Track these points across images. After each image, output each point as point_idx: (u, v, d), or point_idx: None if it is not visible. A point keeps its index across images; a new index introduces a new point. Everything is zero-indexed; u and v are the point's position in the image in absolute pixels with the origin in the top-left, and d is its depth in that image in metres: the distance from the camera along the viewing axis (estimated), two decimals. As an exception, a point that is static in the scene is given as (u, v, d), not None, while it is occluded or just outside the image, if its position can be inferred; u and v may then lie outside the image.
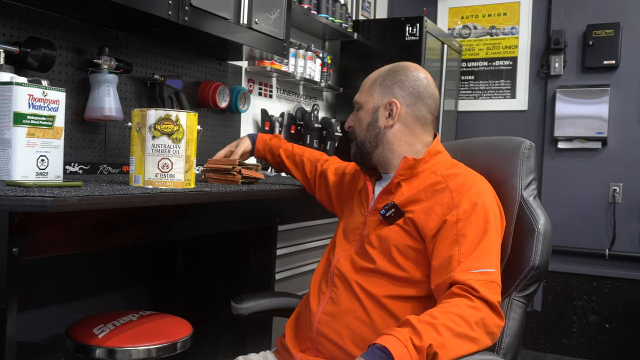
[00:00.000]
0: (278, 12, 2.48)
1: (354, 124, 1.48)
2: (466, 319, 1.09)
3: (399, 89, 1.42)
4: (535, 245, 1.34)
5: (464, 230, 1.23)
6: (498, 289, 1.18)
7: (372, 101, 1.43)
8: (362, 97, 1.46)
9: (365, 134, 1.43)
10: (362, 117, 1.44)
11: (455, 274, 1.17)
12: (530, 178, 1.43)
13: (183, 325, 1.74)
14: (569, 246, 3.81)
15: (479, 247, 1.21)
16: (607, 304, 3.72)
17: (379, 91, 1.43)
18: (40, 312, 1.88)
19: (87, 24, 2.03)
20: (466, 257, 1.19)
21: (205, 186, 1.64)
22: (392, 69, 1.45)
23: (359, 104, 1.46)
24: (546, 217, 1.38)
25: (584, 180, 3.80)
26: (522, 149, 1.44)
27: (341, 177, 1.66)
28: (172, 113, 1.47)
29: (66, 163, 1.92)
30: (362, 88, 1.47)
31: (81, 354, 1.58)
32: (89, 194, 1.18)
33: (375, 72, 1.48)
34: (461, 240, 1.22)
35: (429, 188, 1.32)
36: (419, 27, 3.38)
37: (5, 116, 1.38)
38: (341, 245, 1.44)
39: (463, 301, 1.12)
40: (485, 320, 1.11)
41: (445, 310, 1.11)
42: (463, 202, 1.26)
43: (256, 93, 3.06)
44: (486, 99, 4.12)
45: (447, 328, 1.06)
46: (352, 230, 1.44)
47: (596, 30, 3.73)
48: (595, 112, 3.72)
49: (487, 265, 1.18)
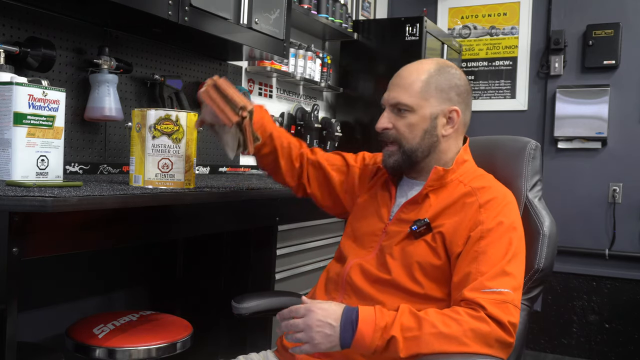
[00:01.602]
0: (278, 12, 2.48)
1: (399, 127, 1.32)
2: (461, 324, 1.09)
3: (456, 95, 1.34)
4: (541, 248, 1.33)
5: (485, 248, 1.19)
6: (512, 309, 1.13)
7: (429, 107, 1.31)
8: (413, 100, 1.30)
9: (419, 142, 1.31)
10: (416, 123, 1.31)
11: (466, 292, 1.15)
12: (536, 179, 1.42)
13: (183, 325, 1.74)
14: (569, 246, 3.80)
15: (497, 266, 1.17)
16: (607, 304, 3.72)
17: (436, 96, 1.31)
18: (40, 312, 1.88)
19: (87, 24, 2.03)
20: (481, 275, 1.16)
21: (205, 186, 1.64)
22: (440, 68, 1.34)
23: (407, 107, 1.31)
24: (551, 219, 1.37)
25: (584, 180, 3.80)
26: (527, 149, 1.43)
27: (346, 171, 1.54)
28: (172, 113, 1.47)
29: (66, 163, 1.92)
30: (406, 87, 1.31)
31: (81, 354, 1.58)
32: (89, 194, 1.18)
33: (418, 68, 1.33)
34: (480, 258, 1.18)
35: (458, 201, 1.28)
36: (419, 27, 3.38)
37: (5, 116, 1.38)
38: (354, 252, 1.37)
39: (466, 310, 1.12)
40: (483, 331, 1.09)
41: (441, 312, 1.13)
42: (489, 219, 1.22)
43: (256, 93, 3.05)
44: (486, 99, 4.12)
45: (431, 325, 1.09)
46: (367, 235, 1.37)
47: (596, 30, 3.73)
48: (595, 112, 3.72)
49: (502, 286, 1.14)
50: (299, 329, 1.14)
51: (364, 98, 3.50)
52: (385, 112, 1.35)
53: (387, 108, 1.34)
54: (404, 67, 1.36)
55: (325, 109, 3.72)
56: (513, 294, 1.15)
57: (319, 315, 1.11)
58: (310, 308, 1.11)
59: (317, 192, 1.58)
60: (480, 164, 1.42)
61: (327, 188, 1.56)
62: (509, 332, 1.11)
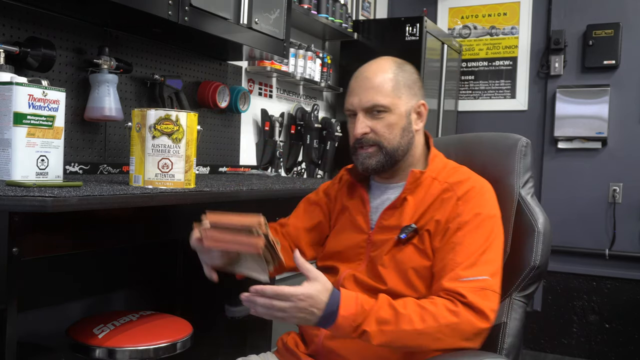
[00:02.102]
0: (278, 12, 2.48)
1: (378, 129, 1.30)
2: (437, 319, 1.12)
3: (418, 89, 1.36)
4: (536, 245, 1.33)
5: (462, 239, 1.22)
6: (491, 295, 1.17)
7: (403, 104, 1.31)
8: (389, 100, 1.29)
9: (399, 140, 1.31)
10: (394, 122, 1.30)
11: (445, 282, 1.18)
12: (528, 176, 1.43)
13: (183, 325, 1.74)
14: (569, 246, 3.80)
15: (475, 255, 1.20)
16: (607, 304, 3.72)
17: (406, 92, 1.32)
18: (40, 312, 1.88)
19: (87, 24, 2.03)
20: (458, 264, 1.19)
21: (205, 186, 1.64)
22: (399, 65, 1.34)
23: (384, 107, 1.29)
24: (545, 216, 1.37)
25: (584, 180, 3.80)
26: (519, 146, 1.43)
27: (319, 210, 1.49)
28: (172, 113, 1.47)
29: (66, 163, 1.92)
30: (377, 88, 1.30)
31: (81, 354, 1.58)
32: (89, 194, 1.18)
33: (380, 68, 1.33)
34: (457, 249, 1.21)
35: (437, 199, 1.29)
36: (419, 27, 3.38)
37: (5, 116, 1.38)
38: (343, 265, 1.36)
39: (444, 303, 1.14)
40: (461, 326, 1.12)
41: (420, 305, 1.14)
42: (466, 211, 1.25)
43: (256, 93, 3.06)
44: (486, 99, 4.12)
45: (408, 321, 1.11)
46: (351, 249, 1.36)
47: (596, 30, 3.73)
48: (595, 112, 3.72)
49: (480, 273, 1.18)
50: (280, 311, 1.11)
51: (364, 98, 3.50)
52: (360, 116, 1.31)
53: (360, 113, 1.31)
54: (363, 70, 1.34)
55: (325, 109, 3.72)
56: (492, 280, 1.19)
57: (305, 304, 1.10)
58: (298, 296, 1.09)
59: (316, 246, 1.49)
60: (470, 162, 1.43)
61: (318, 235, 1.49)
62: (486, 319, 1.14)
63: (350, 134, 1.35)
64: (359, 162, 1.35)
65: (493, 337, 1.29)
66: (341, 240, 1.39)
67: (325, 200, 1.49)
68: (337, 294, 1.13)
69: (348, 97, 1.34)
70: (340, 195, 1.46)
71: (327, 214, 1.48)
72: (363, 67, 1.35)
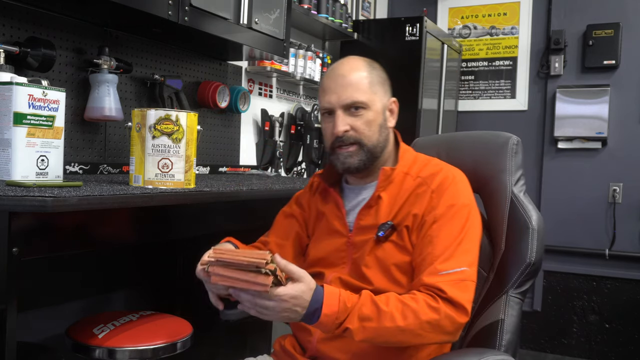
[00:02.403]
0: (278, 12, 2.48)
1: (357, 126, 1.30)
2: (418, 316, 1.14)
3: (389, 87, 1.37)
4: (531, 242, 1.35)
5: (438, 232, 1.23)
6: (469, 285, 1.20)
7: (378, 100, 1.32)
8: (367, 96, 1.30)
9: (378, 137, 1.32)
10: (373, 119, 1.31)
11: (424, 277, 1.19)
12: (519, 174, 1.44)
13: (183, 325, 1.74)
14: (569, 246, 3.80)
15: (452, 247, 1.22)
16: (607, 304, 3.72)
17: (379, 89, 1.33)
18: (40, 312, 1.88)
19: (87, 24, 2.03)
20: (437, 258, 1.20)
21: (205, 186, 1.64)
22: (371, 65, 1.35)
23: (363, 104, 1.29)
24: (538, 213, 1.38)
25: (584, 180, 3.80)
26: (509, 144, 1.44)
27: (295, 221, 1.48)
28: (172, 113, 1.47)
29: (66, 163, 1.92)
30: (355, 85, 1.29)
31: (81, 354, 1.58)
32: (89, 194, 1.18)
33: (353, 67, 1.32)
34: (435, 241, 1.23)
35: (412, 194, 1.30)
36: (419, 27, 3.38)
37: (5, 116, 1.38)
38: (327, 270, 1.36)
39: (425, 298, 1.16)
40: (441, 322, 1.15)
41: (402, 301, 1.15)
42: (441, 203, 1.26)
43: (256, 93, 3.06)
44: (486, 99, 4.12)
45: (390, 318, 1.13)
46: (333, 253, 1.36)
47: (596, 30, 3.73)
48: (595, 112, 3.72)
49: (458, 265, 1.20)
50: (264, 309, 1.11)
51: (364, 98, 3.50)
52: (338, 114, 1.29)
53: (338, 110, 1.29)
54: (337, 68, 1.33)
55: (325, 109, 3.72)
56: (470, 270, 1.21)
57: (288, 304, 1.10)
58: (282, 297, 1.08)
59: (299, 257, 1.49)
60: (461, 160, 1.44)
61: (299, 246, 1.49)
62: (465, 314, 1.17)
63: (327, 133, 1.34)
64: (339, 162, 1.33)
65: (491, 333, 1.32)
66: (322, 247, 1.39)
67: (299, 211, 1.48)
68: (321, 292, 1.13)
69: (324, 96, 1.32)
70: (314, 202, 1.46)
71: (303, 225, 1.47)
72: (335, 66, 1.35)
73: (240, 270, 1.08)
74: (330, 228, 1.38)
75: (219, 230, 1.96)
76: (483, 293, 1.42)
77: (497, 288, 1.38)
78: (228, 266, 1.09)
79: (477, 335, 1.37)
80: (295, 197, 1.53)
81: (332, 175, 1.41)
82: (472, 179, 1.48)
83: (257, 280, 1.07)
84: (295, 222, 1.48)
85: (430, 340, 1.19)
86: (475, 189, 1.50)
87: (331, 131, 1.32)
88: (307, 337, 1.33)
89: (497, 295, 1.37)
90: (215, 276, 1.10)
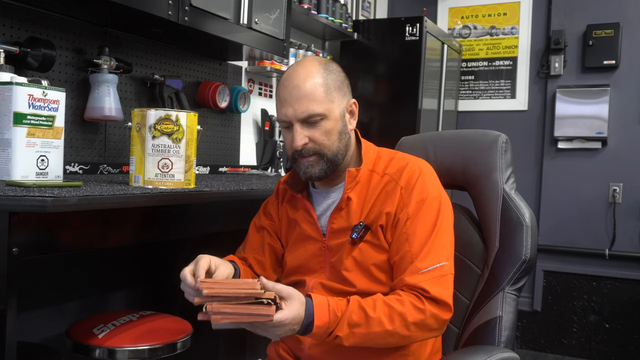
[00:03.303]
0: (278, 12, 2.48)
1: (316, 138, 1.27)
2: (405, 318, 1.17)
3: (347, 87, 1.34)
4: (525, 239, 1.36)
5: (413, 228, 1.25)
6: (450, 279, 1.23)
7: (337, 107, 1.29)
8: (324, 106, 1.26)
9: (338, 145, 1.29)
10: (331, 128, 1.28)
11: (406, 277, 1.21)
12: (509, 172, 1.45)
13: (183, 325, 1.74)
14: (569, 246, 3.80)
15: (428, 242, 1.23)
16: (607, 304, 3.72)
17: (337, 95, 1.29)
18: (40, 312, 1.88)
19: (87, 24, 2.04)
20: (416, 256, 1.23)
21: (205, 186, 1.64)
22: (327, 67, 1.30)
23: (320, 115, 1.26)
24: (530, 210, 1.40)
25: (584, 180, 3.80)
26: (499, 143, 1.46)
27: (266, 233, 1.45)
28: (172, 113, 1.47)
29: (66, 163, 1.92)
30: (310, 96, 1.25)
31: (81, 354, 1.58)
32: (89, 194, 1.18)
33: (308, 73, 1.27)
34: (411, 239, 1.24)
35: (382, 192, 1.29)
36: (419, 27, 3.38)
37: (5, 116, 1.38)
38: (307, 277, 1.35)
39: (411, 299, 1.19)
40: (427, 322, 1.18)
41: (389, 304, 1.17)
42: (411, 200, 1.26)
43: (256, 93, 3.06)
44: (486, 99, 4.12)
45: (378, 323, 1.16)
46: (310, 259, 1.35)
47: (596, 30, 3.72)
48: (595, 112, 3.72)
49: (436, 261, 1.22)
50: (263, 332, 1.13)
51: (364, 98, 3.50)
52: (296, 127, 1.27)
53: (296, 123, 1.26)
54: (292, 78, 1.28)
55: (325, 109, 3.72)
56: (448, 264, 1.24)
57: (289, 325, 1.12)
58: (284, 322, 1.10)
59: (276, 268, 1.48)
60: (450, 159, 1.46)
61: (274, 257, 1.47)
62: (449, 310, 1.21)
63: (287, 144, 1.32)
64: (301, 172, 1.32)
65: (490, 330, 1.34)
66: (298, 254, 1.38)
67: (268, 223, 1.46)
68: (311, 306, 1.14)
69: (280, 108, 1.29)
70: (283, 210, 1.44)
71: (274, 236, 1.45)
72: (289, 73, 1.29)
73: (241, 304, 1.06)
74: (304, 234, 1.37)
75: (219, 230, 1.96)
76: (478, 290, 1.43)
77: (492, 285, 1.40)
78: (226, 301, 1.06)
79: (476, 332, 1.38)
80: (263, 206, 1.50)
81: (298, 182, 1.39)
82: (461, 178, 1.50)
83: (261, 312, 1.07)
84: (267, 234, 1.45)
85: (417, 339, 1.23)
86: (464, 187, 1.52)
87: (290, 143, 1.29)
88: (297, 345, 1.34)
89: (494, 292, 1.38)
90: (216, 316, 1.06)
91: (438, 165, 1.47)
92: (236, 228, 2.02)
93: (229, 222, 1.83)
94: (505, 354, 1.23)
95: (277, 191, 1.48)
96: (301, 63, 1.31)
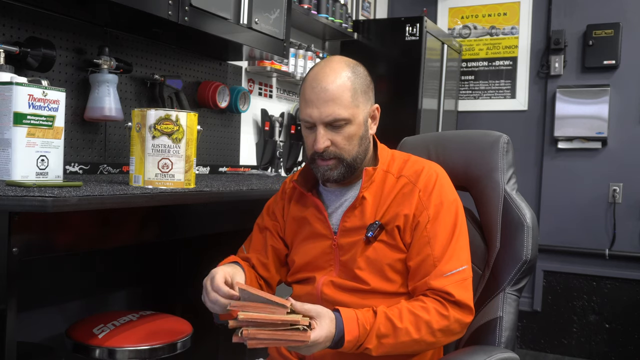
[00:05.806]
0: (278, 12, 2.48)
1: (338, 142, 1.27)
2: (431, 326, 1.19)
3: (371, 91, 1.33)
4: (526, 240, 1.37)
5: (434, 231, 1.26)
6: (470, 282, 1.26)
7: (361, 113, 1.28)
8: (349, 111, 1.25)
9: (357, 150, 1.29)
10: (354, 133, 1.27)
11: (431, 280, 1.23)
12: (511, 172, 1.46)
13: (183, 325, 1.74)
14: (569, 246, 3.80)
15: (450, 246, 1.25)
16: (607, 304, 3.72)
17: (362, 100, 1.28)
18: (40, 312, 1.88)
19: (87, 24, 2.03)
20: (439, 259, 1.24)
21: (205, 186, 1.64)
22: (355, 70, 1.29)
23: (345, 120, 1.25)
24: (531, 211, 1.41)
25: (584, 180, 3.80)
26: (501, 143, 1.46)
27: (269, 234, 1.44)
28: (172, 113, 1.47)
29: (66, 163, 1.92)
30: (337, 100, 1.24)
31: (81, 354, 1.58)
32: (89, 194, 1.18)
33: (336, 76, 1.26)
34: (432, 242, 1.25)
35: (398, 193, 1.29)
36: (419, 27, 3.38)
37: (5, 116, 1.38)
38: (316, 273, 1.34)
39: (435, 306, 1.21)
40: (451, 327, 1.21)
41: (414, 313, 1.19)
42: (431, 203, 1.27)
43: (256, 93, 3.06)
44: (486, 99, 4.12)
45: (405, 332, 1.18)
46: (319, 257, 1.34)
47: (596, 30, 3.73)
48: (595, 112, 3.72)
49: (458, 264, 1.24)
50: (299, 351, 1.15)
51: (364, 98, 3.50)
52: (320, 130, 1.25)
53: (319, 126, 1.25)
54: (320, 79, 1.26)
55: (325, 109, 3.72)
56: (467, 268, 1.26)
57: (322, 344, 1.14)
58: (318, 341, 1.12)
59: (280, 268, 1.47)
60: (451, 160, 1.47)
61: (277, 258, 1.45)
62: (470, 312, 1.24)
63: (307, 145, 1.31)
64: (320, 174, 1.32)
65: (491, 330, 1.35)
66: (307, 251, 1.37)
67: (272, 224, 1.45)
68: (340, 321, 1.16)
69: (305, 108, 1.27)
70: (288, 209, 1.42)
71: (277, 237, 1.44)
72: (317, 72, 1.28)
73: (277, 330, 1.08)
74: (313, 232, 1.36)
75: (219, 230, 1.96)
76: (479, 290, 1.43)
77: (493, 285, 1.40)
78: (261, 326, 1.08)
79: (476, 333, 1.38)
80: (267, 207, 1.49)
81: (308, 180, 1.39)
82: (462, 178, 1.50)
83: (297, 339, 1.09)
84: (269, 235, 1.44)
85: (441, 344, 1.27)
86: (466, 187, 1.52)
87: (312, 144, 1.29)
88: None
89: (494, 292, 1.39)
90: (252, 341, 1.08)
91: (440, 165, 1.46)
92: (236, 228, 2.02)
93: (229, 222, 1.83)
94: (505, 354, 1.24)
95: (283, 190, 1.47)
96: (329, 64, 1.29)
